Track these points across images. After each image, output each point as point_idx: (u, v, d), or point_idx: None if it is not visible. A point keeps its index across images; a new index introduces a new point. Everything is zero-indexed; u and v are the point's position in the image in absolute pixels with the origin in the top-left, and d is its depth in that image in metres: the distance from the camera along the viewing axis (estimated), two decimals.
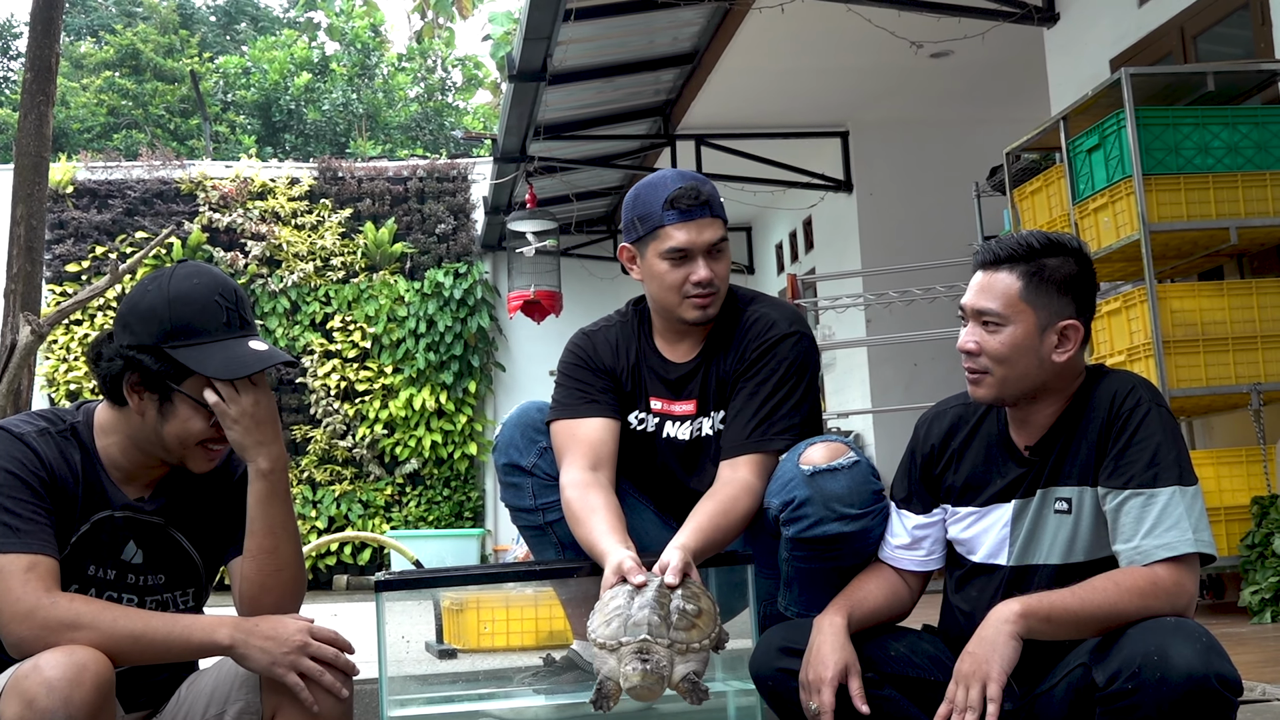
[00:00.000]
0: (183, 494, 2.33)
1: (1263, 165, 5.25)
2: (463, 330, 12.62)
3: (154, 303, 2.19)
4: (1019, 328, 2.27)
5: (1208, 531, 2.16)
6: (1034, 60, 7.52)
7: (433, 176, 13.17)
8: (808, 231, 11.70)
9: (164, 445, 2.21)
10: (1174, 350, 5.09)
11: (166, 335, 2.16)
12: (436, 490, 12.55)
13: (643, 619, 2.22)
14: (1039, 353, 2.28)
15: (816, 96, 9.75)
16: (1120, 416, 2.23)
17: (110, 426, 2.24)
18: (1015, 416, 2.37)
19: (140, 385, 2.18)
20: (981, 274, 2.34)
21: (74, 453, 2.20)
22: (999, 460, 2.39)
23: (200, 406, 2.18)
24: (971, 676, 2.08)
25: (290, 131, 22.32)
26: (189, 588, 2.35)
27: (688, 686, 2.22)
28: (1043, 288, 2.28)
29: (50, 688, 1.89)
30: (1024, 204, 6.21)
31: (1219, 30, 6.12)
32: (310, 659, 2.10)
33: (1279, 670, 3.41)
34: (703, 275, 2.77)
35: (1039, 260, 2.30)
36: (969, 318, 2.34)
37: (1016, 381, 2.29)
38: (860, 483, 2.54)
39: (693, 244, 2.77)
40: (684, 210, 2.77)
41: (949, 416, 2.50)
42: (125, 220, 12.58)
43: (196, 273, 2.24)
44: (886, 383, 10.01)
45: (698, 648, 2.24)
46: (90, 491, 2.20)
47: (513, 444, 2.93)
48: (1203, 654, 1.95)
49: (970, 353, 2.32)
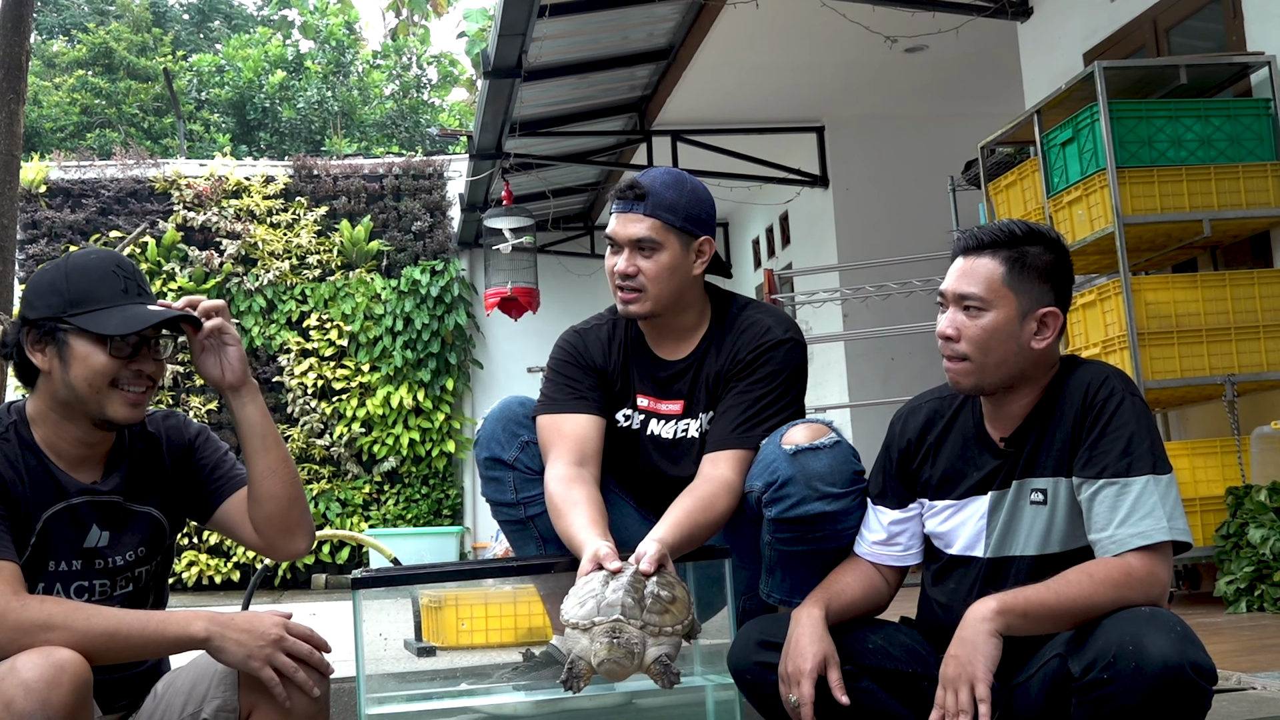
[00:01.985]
0: (136, 467, 2.33)
1: (1235, 158, 5.28)
2: (440, 328, 12.59)
3: (52, 278, 2.24)
4: (1000, 313, 2.27)
5: (1183, 519, 2.17)
6: (1008, 54, 7.54)
7: (408, 174, 13.13)
8: (784, 227, 11.72)
9: (79, 397, 2.22)
10: (1148, 342, 5.12)
11: (66, 305, 2.20)
12: (415, 488, 12.52)
13: (616, 600, 2.24)
14: (1018, 339, 2.28)
15: (792, 92, 9.76)
16: (1094, 407, 2.23)
17: (39, 413, 2.26)
18: (990, 408, 2.37)
19: (39, 340, 2.22)
20: (963, 259, 2.33)
21: (16, 453, 2.21)
22: (975, 453, 2.39)
23: (95, 339, 2.20)
24: (958, 680, 2.08)
25: (265, 129, 22.23)
26: (156, 557, 2.36)
27: (659, 669, 2.22)
28: (1024, 274, 2.28)
29: (28, 689, 1.88)
30: (999, 197, 6.23)
31: (1191, 24, 6.15)
32: (285, 654, 2.10)
33: (1254, 659, 3.43)
34: (620, 267, 2.80)
35: (1021, 247, 2.30)
36: (949, 303, 2.33)
37: (995, 368, 2.28)
38: (842, 462, 2.56)
39: (616, 235, 2.82)
40: (618, 200, 2.83)
41: (924, 411, 2.50)
42: (99, 220, 12.50)
43: (93, 251, 2.34)
44: (864, 377, 10.03)
45: (670, 632, 2.25)
46: (41, 488, 2.20)
47: (494, 438, 2.93)
48: (1177, 643, 1.96)
49: (950, 338, 2.30)
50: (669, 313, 2.86)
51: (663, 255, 2.80)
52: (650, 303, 2.82)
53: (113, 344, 2.20)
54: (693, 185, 2.87)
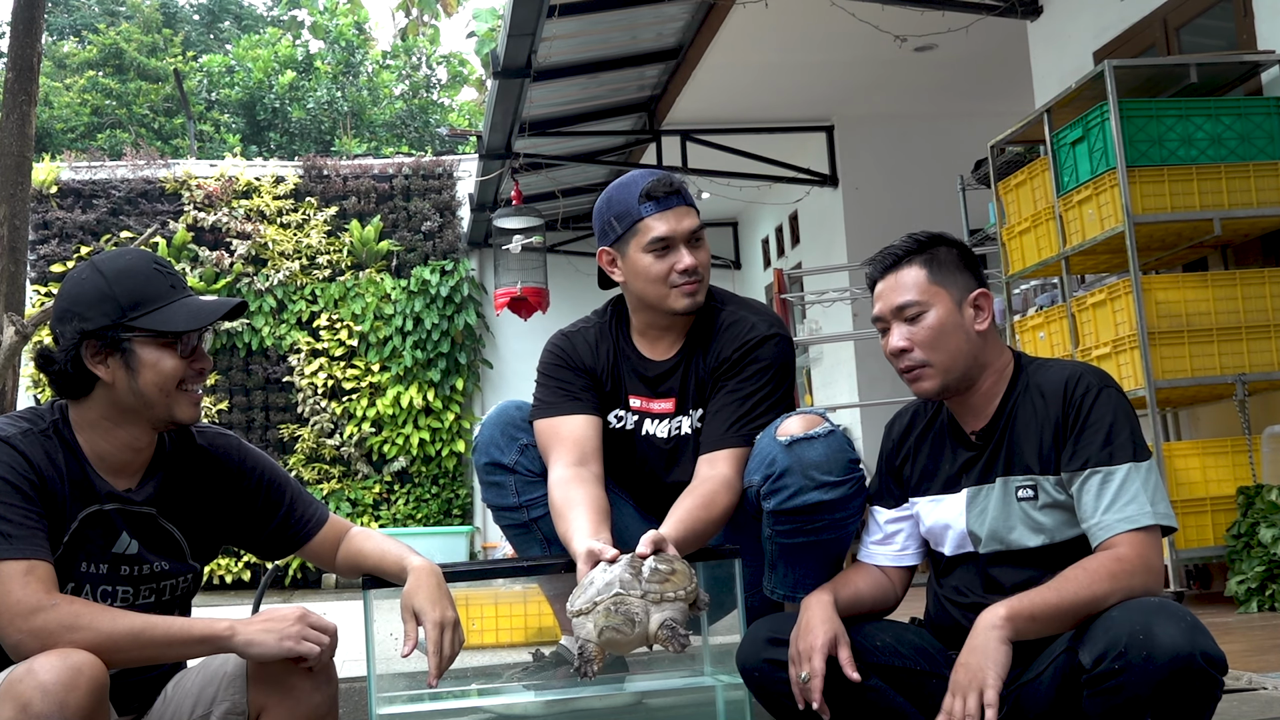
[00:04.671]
0: (173, 479, 2.32)
1: (1246, 156, 5.26)
2: (449, 328, 12.61)
3: (97, 285, 2.20)
4: (940, 308, 2.38)
5: (1165, 504, 2.24)
6: (1017, 53, 7.53)
7: (418, 174, 13.14)
8: (794, 226, 11.71)
9: (149, 403, 2.20)
10: (1159, 342, 5.11)
11: (124, 311, 2.18)
12: (425, 488, 12.54)
13: (614, 578, 2.28)
14: (964, 328, 2.39)
15: (801, 91, 9.75)
16: (1074, 403, 2.30)
17: (89, 420, 2.23)
18: (958, 406, 2.45)
19: (101, 351, 2.18)
20: (882, 281, 2.45)
21: (58, 451, 2.19)
22: (950, 448, 2.47)
23: (164, 343, 2.19)
24: (968, 686, 2.10)
25: (275, 130, 22.26)
26: (186, 574, 2.35)
27: (666, 633, 2.23)
28: (943, 269, 2.41)
29: (45, 691, 1.88)
30: (1009, 197, 6.22)
31: (1202, 22, 6.14)
32: (314, 629, 2.14)
33: (1265, 659, 3.42)
34: (688, 262, 2.82)
35: (928, 250, 2.43)
36: (889, 321, 2.42)
37: (952, 363, 2.38)
38: (837, 450, 2.59)
39: (673, 232, 2.82)
40: (660, 200, 2.83)
41: (909, 412, 2.61)
42: (110, 220, 12.54)
43: (123, 252, 2.28)
44: (873, 376, 10.02)
45: (672, 597, 2.27)
46: (77, 487, 2.19)
47: (493, 443, 2.94)
48: (1188, 632, 1.98)
49: (904, 350, 2.40)
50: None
51: (707, 242, 2.91)
52: (705, 291, 2.88)
53: (180, 344, 2.20)
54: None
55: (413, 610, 2.31)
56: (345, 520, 2.54)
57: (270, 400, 12.46)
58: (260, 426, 12.40)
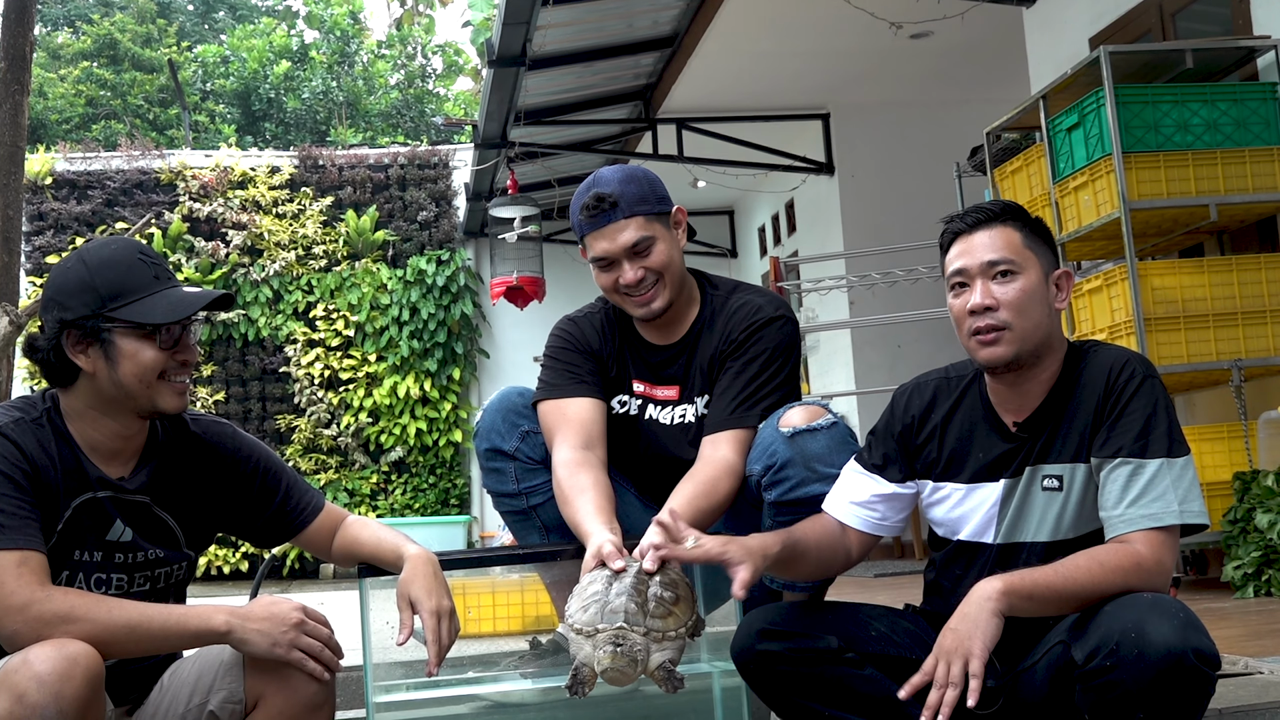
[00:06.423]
0: (166, 467, 2.32)
1: (1241, 142, 5.26)
2: (446, 317, 12.61)
3: (79, 275, 2.19)
4: (1032, 274, 2.30)
5: (1198, 502, 2.17)
6: (1013, 40, 7.52)
7: (414, 164, 13.12)
8: (790, 214, 11.70)
9: (129, 393, 2.20)
10: (1155, 327, 5.11)
11: (103, 301, 2.17)
12: (422, 477, 12.54)
13: (620, 606, 2.21)
14: (1048, 301, 2.32)
15: (797, 79, 9.74)
16: (1115, 389, 2.24)
17: (77, 410, 2.23)
18: (1005, 389, 2.35)
19: (81, 341, 2.18)
20: (975, 234, 2.33)
21: (50, 439, 2.19)
22: (984, 436, 2.37)
23: (144, 334, 2.18)
24: (954, 652, 2.07)
25: (270, 120, 22.22)
26: (180, 562, 2.35)
27: (663, 675, 2.22)
28: (1036, 239, 2.34)
29: (40, 682, 1.88)
30: (1005, 183, 6.22)
31: (1197, 8, 6.13)
32: (307, 636, 2.13)
33: (1262, 644, 3.43)
34: (628, 278, 2.78)
35: (1023, 216, 2.36)
36: (975, 276, 2.30)
37: (1032, 333, 2.28)
38: (840, 443, 2.58)
39: (608, 251, 2.78)
40: (592, 219, 2.78)
41: (930, 388, 2.48)
42: (105, 211, 12.52)
43: (110, 241, 2.27)
44: (870, 364, 10.03)
45: (674, 635, 2.23)
46: (70, 476, 2.19)
47: (494, 429, 2.93)
48: (1180, 630, 1.96)
49: (988, 308, 2.27)
50: (676, 295, 2.86)
51: (659, 245, 2.79)
52: (668, 292, 2.82)
53: (160, 336, 2.19)
54: (637, 170, 2.87)
55: (409, 599, 2.30)
56: (341, 509, 2.54)
57: (267, 391, 12.45)
58: (257, 417, 12.39)
